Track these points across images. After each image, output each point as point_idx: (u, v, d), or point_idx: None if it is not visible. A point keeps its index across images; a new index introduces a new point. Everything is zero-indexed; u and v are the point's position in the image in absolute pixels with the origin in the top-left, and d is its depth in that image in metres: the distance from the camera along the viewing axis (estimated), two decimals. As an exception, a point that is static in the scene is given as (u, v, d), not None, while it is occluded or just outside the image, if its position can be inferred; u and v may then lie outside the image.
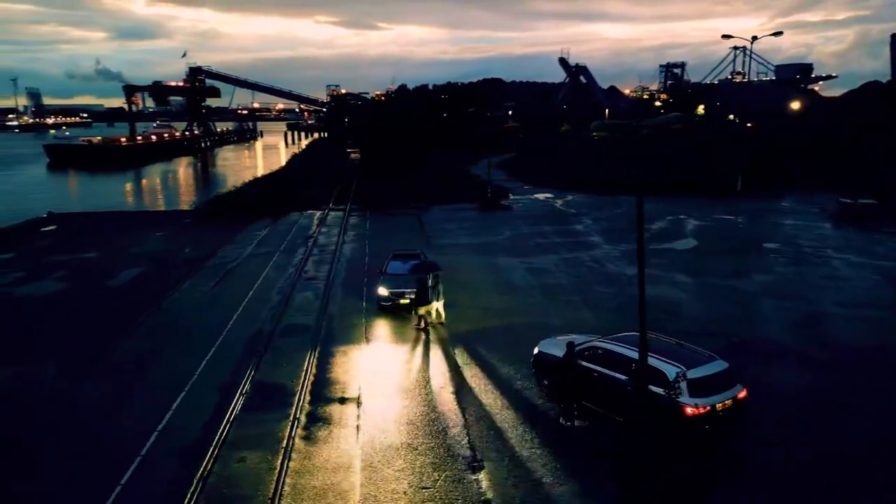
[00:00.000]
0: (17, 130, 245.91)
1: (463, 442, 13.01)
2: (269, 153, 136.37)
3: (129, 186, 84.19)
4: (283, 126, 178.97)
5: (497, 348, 17.76)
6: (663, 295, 22.42)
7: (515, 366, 16.55)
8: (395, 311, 20.85)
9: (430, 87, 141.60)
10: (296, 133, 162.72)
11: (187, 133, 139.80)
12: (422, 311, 19.15)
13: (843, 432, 13.04)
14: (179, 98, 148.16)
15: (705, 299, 21.93)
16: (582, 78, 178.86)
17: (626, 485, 10.74)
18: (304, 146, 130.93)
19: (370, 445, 12.86)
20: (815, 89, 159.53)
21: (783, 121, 76.84)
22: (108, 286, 25.05)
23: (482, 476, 11.80)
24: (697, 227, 34.42)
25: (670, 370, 12.23)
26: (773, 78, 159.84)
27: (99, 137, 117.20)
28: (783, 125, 68.86)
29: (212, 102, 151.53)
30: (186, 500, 10.92)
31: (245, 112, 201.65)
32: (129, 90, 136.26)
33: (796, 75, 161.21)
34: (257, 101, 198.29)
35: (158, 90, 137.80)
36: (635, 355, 12.81)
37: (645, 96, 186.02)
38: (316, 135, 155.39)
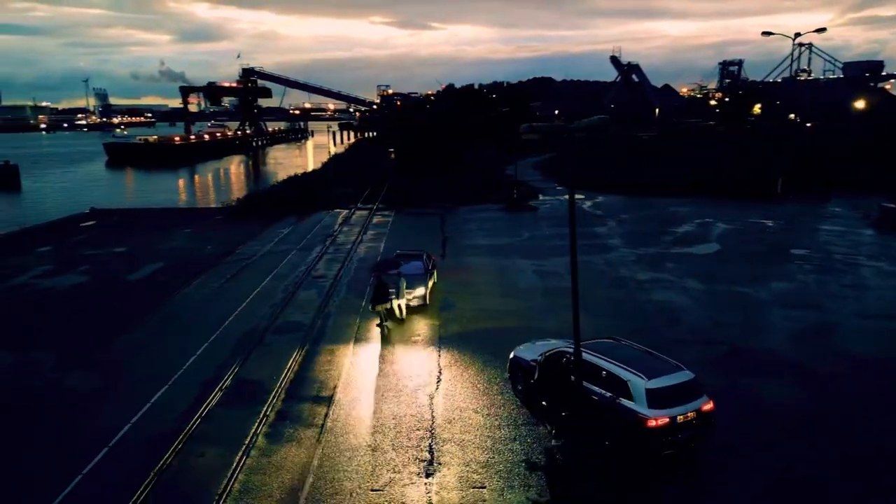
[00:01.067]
0: (85, 129, 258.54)
1: (424, 445, 12.92)
2: (319, 152, 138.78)
3: (180, 183, 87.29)
4: (335, 126, 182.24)
5: (484, 351, 17.57)
6: (668, 301, 21.77)
7: (499, 369, 16.31)
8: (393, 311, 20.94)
9: (476, 86, 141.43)
10: (345, 133, 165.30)
11: (239, 132, 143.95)
12: (378, 308, 19.31)
13: (806, 455, 12.29)
14: (234, 98, 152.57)
15: (711, 306, 21.11)
16: (634, 76, 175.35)
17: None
18: (348, 146, 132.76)
19: (332, 445, 12.90)
20: (885, 88, 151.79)
21: (847, 120, 73.30)
22: (126, 280, 25.98)
23: (433, 480, 11.69)
24: (725, 232, 33.19)
25: (632, 379, 11.80)
26: (841, 76, 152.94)
27: (154, 136, 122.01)
28: (846, 125, 65.72)
29: (263, 103, 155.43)
30: (138, 493, 11.21)
31: (297, 112, 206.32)
32: (185, 91, 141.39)
33: (865, 73, 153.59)
34: (309, 101, 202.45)
35: (212, 91, 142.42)
36: (599, 361, 12.54)
37: (698, 95, 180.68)
38: (363, 134, 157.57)
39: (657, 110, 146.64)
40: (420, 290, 21.19)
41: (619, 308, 21.16)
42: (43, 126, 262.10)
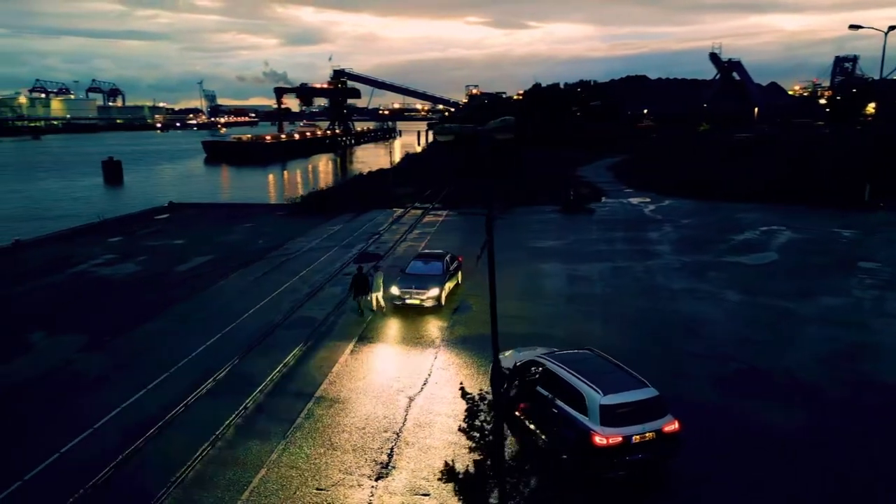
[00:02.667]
0: (195, 128, 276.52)
1: (386, 448, 12.80)
2: (405, 151, 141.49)
3: (270, 179, 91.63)
4: (424, 126, 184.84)
5: (482, 356, 17.13)
6: (697, 312, 20.45)
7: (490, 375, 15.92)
8: (406, 310, 20.96)
9: (562, 85, 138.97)
10: (431, 132, 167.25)
11: (328, 132, 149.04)
12: (358, 299, 20.67)
13: (777, 488, 11.10)
14: (325, 99, 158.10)
15: (742, 320, 19.61)
16: (735, 74, 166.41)
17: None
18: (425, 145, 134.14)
19: (296, 442, 13.03)
20: None
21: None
22: (174, 271, 27.47)
23: (380, 484, 11.56)
24: (790, 241, 30.72)
25: (588, 393, 11.14)
26: None
27: (248, 135, 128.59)
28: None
29: (353, 103, 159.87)
30: (102, 473, 11.79)
31: (387, 112, 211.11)
32: (279, 92, 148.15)
33: None
34: (398, 101, 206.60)
35: (305, 92, 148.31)
36: (562, 373, 12.02)
37: (806, 94, 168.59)
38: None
39: (755, 110, 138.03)
40: (433, 291, 21.04)
41: (641, 318, 20.08)
42: (158, 125, 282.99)
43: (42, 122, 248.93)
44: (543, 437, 11.88)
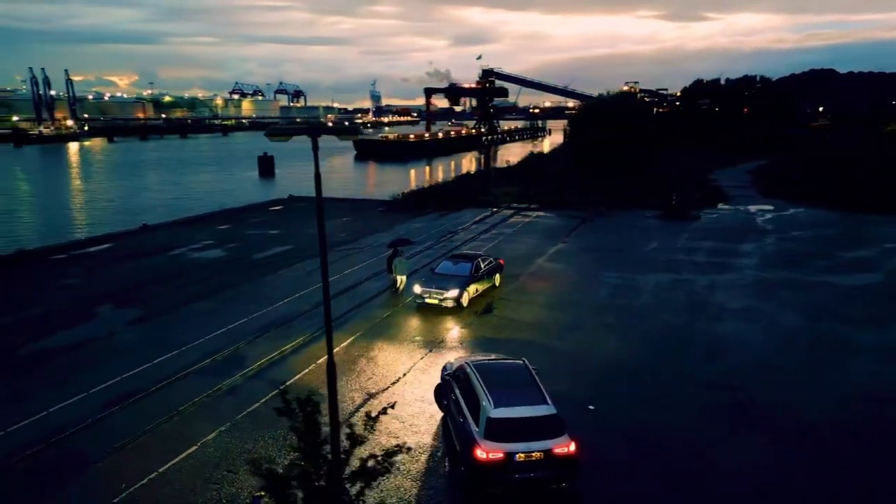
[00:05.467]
0: (368, 127, 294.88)
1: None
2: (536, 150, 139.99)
3: (412, 174, 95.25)
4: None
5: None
6: (733, 334, 18.37)
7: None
8: (427, 309, 20.98)
9: (723, 81, 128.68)
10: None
11: (473, 130, 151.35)
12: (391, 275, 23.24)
13: None
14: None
15: (780, 347, 17.26)
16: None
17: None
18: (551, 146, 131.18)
19: (236, 428, 13.54)
20: None
21: None
22: (251, 258, 29.71)
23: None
24: (913, 261, 26.08)
25: (484, 404, 10.74)
26: None
27: (395, 134, 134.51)
28: None
29: (501, 102, 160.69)
30: (55, 439, 13.22)
31: (537, 111, 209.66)
32: (428, 92, 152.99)
33: None
34: (551, 100, 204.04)
35: (452, 91, 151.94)
36: (475, 382, 11.61)
37: None
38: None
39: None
40: (452, 293, 20.81)
41: (665, 335, 18.39)
42: (329, 124, 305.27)
43: (233, 121, 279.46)
44: (456, 443, 11.65)
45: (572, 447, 10.26)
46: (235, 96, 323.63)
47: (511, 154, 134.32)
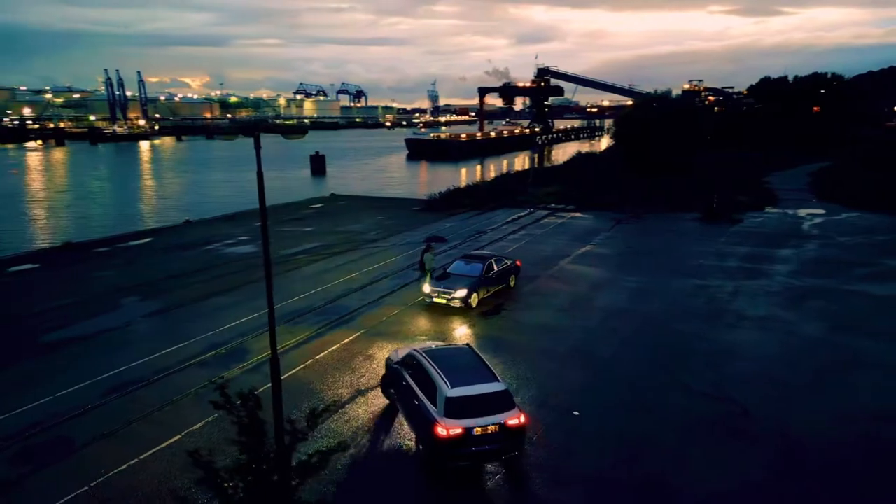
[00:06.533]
0: (420, 126, 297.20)
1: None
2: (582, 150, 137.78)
3: (462, 172, 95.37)
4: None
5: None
6: (741, 344, 17.60)
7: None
8: (435, 308, 20.94)
9: (791, 79, 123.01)
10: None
11: (527, 130, 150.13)
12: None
13: None
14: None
15: (790, 359, 16.37)
16: None
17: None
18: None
19: (226, 418, 13.79)
20: None
21: None
22: (280, 254, 30.39)
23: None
24: (965, 270, 24.23)
25: (440, 385, 11.42)
26: None
27: (447, 133, 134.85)
28: None
29: (556, 101, 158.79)
30: (68, 417, 13.93)
31: (594, 109, 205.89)
32: (482, 91, 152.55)
33: None
34: (609, 99, 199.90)
35: (506, 90, 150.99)
36: (427, 366, 12.21)
37: None
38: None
39: None
40: (460, 293, 20.68)
41: (668, 343, 17.78)
42: (387, 123, 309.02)
43: (295, 121, 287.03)
44: (408, 426, 12.58)
45: (522, 418, 11.23)
46: (299, 97, 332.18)
47: (565, 154, 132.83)
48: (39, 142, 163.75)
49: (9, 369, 16.79)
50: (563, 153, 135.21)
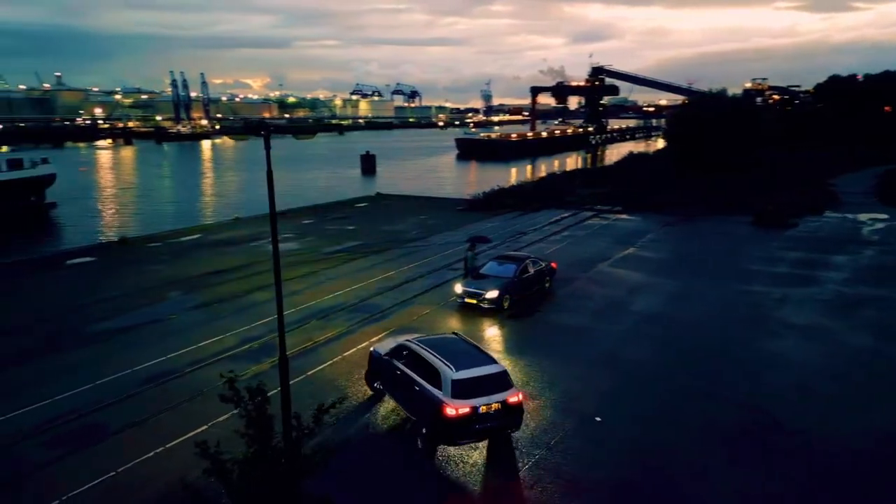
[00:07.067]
0: (471, 126, 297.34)
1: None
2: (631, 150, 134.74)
3: (513, 172, 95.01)
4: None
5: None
6: (782, 353, 16.94)
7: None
8: (469, 309, 20.85)
9: (861, 77, 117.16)
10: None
11: (580, 130, 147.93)
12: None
13: None
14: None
15: (838, 370, 15.62)
16: None
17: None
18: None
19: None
20: None
21: None
22: (321, 252, 30.89)
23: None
24: None
25: (443, 369, 12.09)
26: None
27: (497, 133, 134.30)
28: None
29: (610, 100, 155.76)
30: (105, 405, 14.51)
31: (651, 109, 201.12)
32: (535, 91, 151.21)
33: None
34: (666, 98, 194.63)
35: (559, 90, 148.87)
36: (424, 354, 12.81)
37: None
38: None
39: None
40: (492, 293, 20.52)
41: (707, 349, 17.14)
42: (440, 123, 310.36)
43: (349, 121, 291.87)
44: (406, 412, 13.27)
45: (520, 396, 12.21)
46: (355, 97, 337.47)
47: (619, 154, 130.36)
48: (109, 141, 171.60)
49: (56, 357, 17.65)
50: (616, 154, 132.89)
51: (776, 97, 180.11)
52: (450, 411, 11.51)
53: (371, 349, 15.27)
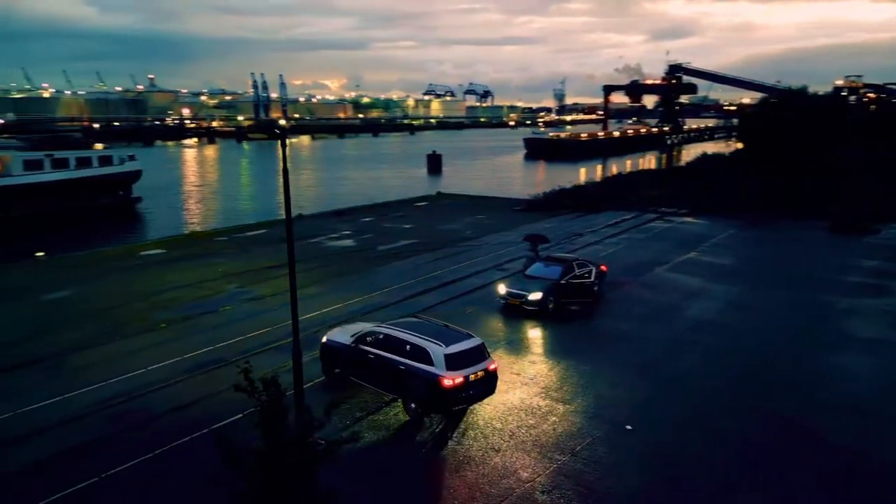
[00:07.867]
0: (540, 125, 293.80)
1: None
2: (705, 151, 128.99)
3: (581, 173, 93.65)
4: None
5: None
6: (847, 367, 16.18)
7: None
8: (514, 310, 20.66)
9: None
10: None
11: (654, 129, 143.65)
12: None
13: None
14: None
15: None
16: None
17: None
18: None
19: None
20: None
21: None
22: (376, 249, 31.33)
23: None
24: None
25: (432, 348, 13.33)
26: None
27: (567, 133, 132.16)
28: None
29: (687, 99, 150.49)
30: (154, 389, 15.30)
31: (733, 108, 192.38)
32: (608, 89, 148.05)
33: None
34: (749, 96, 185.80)
35: (633, 88, 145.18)
36: (404, 336, 13.97)
37: None
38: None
39: None
40: (535, 295, 20.23)
41: (757, 360, 16.31)
42: (511, 123, 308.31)
43: (421, 121, 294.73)
44: (382, 391, 14.49)
45: (496, 364, 13.98)
46: (427, 97, 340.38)
47: (696, 155, 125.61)
48: (195, 139, 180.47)
49: (116, 343, 18.73)
50: (693, 154, 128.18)
51: (871, 95, 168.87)
52: (447, 382, 12.87)
53: (323, 339, 16.09)
